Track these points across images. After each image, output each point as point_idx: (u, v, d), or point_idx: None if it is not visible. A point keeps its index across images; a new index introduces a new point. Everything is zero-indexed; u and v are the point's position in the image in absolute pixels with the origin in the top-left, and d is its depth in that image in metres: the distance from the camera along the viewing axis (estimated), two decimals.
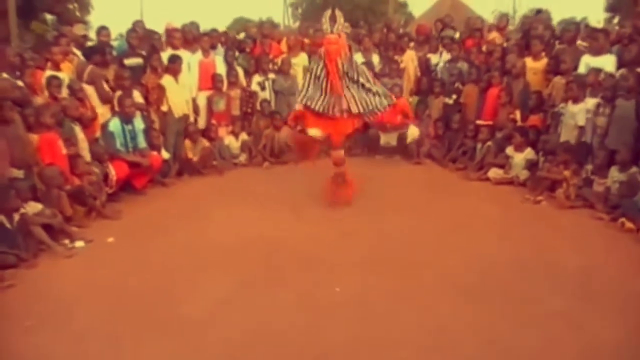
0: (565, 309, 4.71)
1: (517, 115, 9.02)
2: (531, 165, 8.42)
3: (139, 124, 8.16)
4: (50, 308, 4.82)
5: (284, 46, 10.77)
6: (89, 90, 8.07)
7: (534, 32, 9.58)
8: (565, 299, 4.88)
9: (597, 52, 8.37)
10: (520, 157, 8.49)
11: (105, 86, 8.24)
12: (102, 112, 8.15)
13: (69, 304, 4.88)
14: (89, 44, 9.60)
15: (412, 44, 11.13)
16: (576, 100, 7.91)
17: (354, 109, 7.21)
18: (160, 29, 10.36)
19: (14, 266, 5.53)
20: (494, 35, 10.61)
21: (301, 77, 9.75)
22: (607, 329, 4.41)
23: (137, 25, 9.84)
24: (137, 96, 8.47)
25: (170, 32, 9.79)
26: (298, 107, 7.68)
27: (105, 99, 8.21)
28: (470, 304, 4.83)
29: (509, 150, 8.63)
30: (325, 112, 7.19)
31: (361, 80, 7.27)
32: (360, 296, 4.99)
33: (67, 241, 6.18)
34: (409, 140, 7.62)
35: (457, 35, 11.18)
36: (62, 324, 4.57)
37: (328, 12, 7.20)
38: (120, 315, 4.69)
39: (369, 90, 7.32)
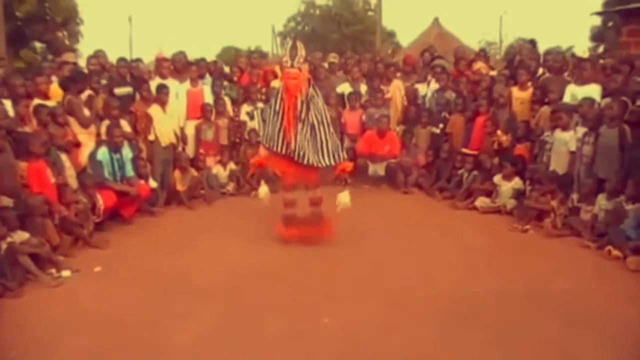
0: (555, 336, 4.74)
1: (502, 137, 9.07)
2: (518, 194, 8.47)
3: (127, 153, 8.18)
4: (36, 338, 4.77)
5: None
6: (70, 119, 8.02)
7: (525, 61, 9.71)
8: (555, 326, 4.91)
9: (582, 81, 8.47)
10: (507, 186, 8.54)
11: (86, 112, 8.19)
12: (84, 139, 8.10)
13: (55, 334, 4.83)
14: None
15: (398, 74, 11.22)
16: (565, 128, 8.00)
17: (295, 156, 6.78)
18: (149, 57, 10.44)
19: (0, 295, 5.47)
20: (480, 65, 10.73)
21: None
22: (597, 355, 4.44)
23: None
24: (125, 125, 8.49)
25: (159, 61, 9.85)
26: (262, 152, 7.28)
27: (85, 125, 8.14)
28: (460, 332, 4.83)
29: (497, 178, 8.69)
30: (286, 155, 6.83)
31: (314, 124, 6.74)
32: (348, 326, 4.98)
33: (53, 270, 6.12)
34: (338, 208, 7.08)
35: (447, 65, 11.29)
36: (47, 355, 4.53)
37: (289, 44, 6.83)
38: (107, 345, 4.65)
39: (316, 141, 6.79)
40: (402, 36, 41.81)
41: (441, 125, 10.25)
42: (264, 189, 7.15)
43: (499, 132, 9.06)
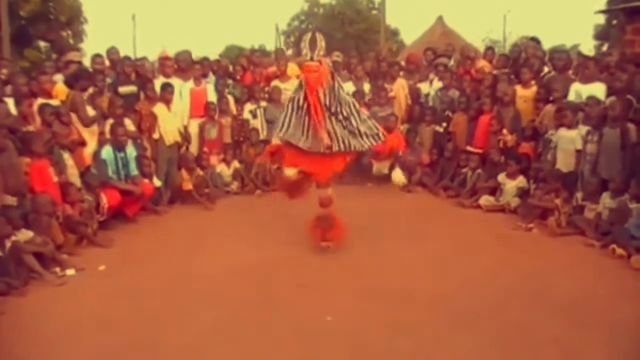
0: (559, 336, 4.71)
1: (507, 136, 9.06)
2: (522, 193, 8.46)
3: (131, 151, 8.19)
4: (40, 337, 4.79)
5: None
6: (74, 116, 8.04)
7: (529, 59, 9.70)
8: (559, 326, 4.89)
9: (587, 80, 8.45)
10: (512, 185, 8.53)
11: (90, 110, 8.22)
12: (86, 137, 8.10)
13: (59, 333, 4.85)
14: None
15: (402, 73, 11.20)
16: (570, 127, 7.98)
17: (335, 147, 6.46)
18: (153, 56, 10.45)
19: (4, 294, 5.48)
20: (483, 63, 10.71)
21: None
22: (600, 355, 4.43)
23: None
24: (129, 124, 8.51)
25: (163, 60, 9.87)
26: (275, 141, 7.02)
27: (86, 123, 8.16)
28: (463, 331, 4.82)
29: (502, 177, 8.67)
30: (309, 149, 6.51)
31: (344, 114, 6.44)
32: (353, 324, 4.98)
33: (58, 269, 6.14)
34: (396, 182, 6.86)
35: (451, 63, 11.26)
36: (51, 353, 4.54)
37: (308, 36, 6.43)
38: (110, 344, 4.66)
39: (351, 127, 6.51)
40: (406, 34, 41.85)
41: (444, 124, 10.25)
42: (289, 170, 6.82)
43: (504, 131, 9.05)
